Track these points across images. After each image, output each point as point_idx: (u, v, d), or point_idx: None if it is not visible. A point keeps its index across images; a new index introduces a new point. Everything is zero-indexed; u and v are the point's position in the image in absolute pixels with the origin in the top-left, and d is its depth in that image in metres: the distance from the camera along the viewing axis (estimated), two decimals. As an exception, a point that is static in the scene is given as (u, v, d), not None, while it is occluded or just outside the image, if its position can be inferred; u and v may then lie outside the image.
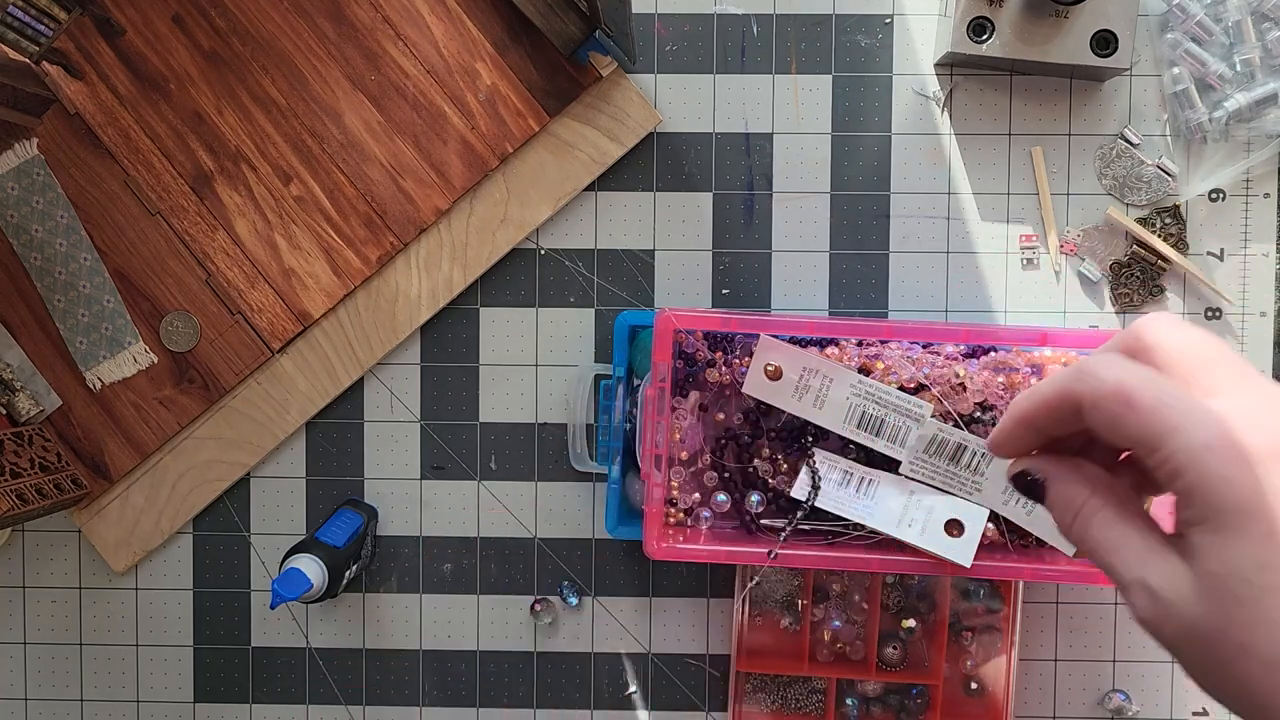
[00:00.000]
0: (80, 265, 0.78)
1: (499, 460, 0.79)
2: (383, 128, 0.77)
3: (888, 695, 0.76)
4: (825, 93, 0.77)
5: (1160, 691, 0.78)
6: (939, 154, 0.77)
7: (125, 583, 0.80)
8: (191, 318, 0.78)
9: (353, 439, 0.79)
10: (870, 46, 0.77)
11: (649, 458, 0.68)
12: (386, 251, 0.77)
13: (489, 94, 0.77)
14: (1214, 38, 0.75)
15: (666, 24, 0.78)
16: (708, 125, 0.78)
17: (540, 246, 0.79)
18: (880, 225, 0.78)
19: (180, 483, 0.79)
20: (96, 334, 0.78)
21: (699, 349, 0.70)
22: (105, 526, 0.79)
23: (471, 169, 0.77)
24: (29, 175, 0.77)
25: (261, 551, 0.80)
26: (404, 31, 0.76)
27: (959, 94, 0.77)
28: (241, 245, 0.78)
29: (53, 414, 0.78)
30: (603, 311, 0.78)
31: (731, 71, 0.77)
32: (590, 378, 0.76)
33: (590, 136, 0.77)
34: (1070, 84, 0.77)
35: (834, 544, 0.70)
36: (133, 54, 0.77)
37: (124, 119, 0.77)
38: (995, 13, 0.70)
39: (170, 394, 0.78)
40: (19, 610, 0.81)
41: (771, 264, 0.78)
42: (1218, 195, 0.77)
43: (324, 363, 0.78)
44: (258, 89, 0.77)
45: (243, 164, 0.77)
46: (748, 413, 0.71)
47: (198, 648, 0.80)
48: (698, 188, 0.78)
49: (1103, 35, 0.70)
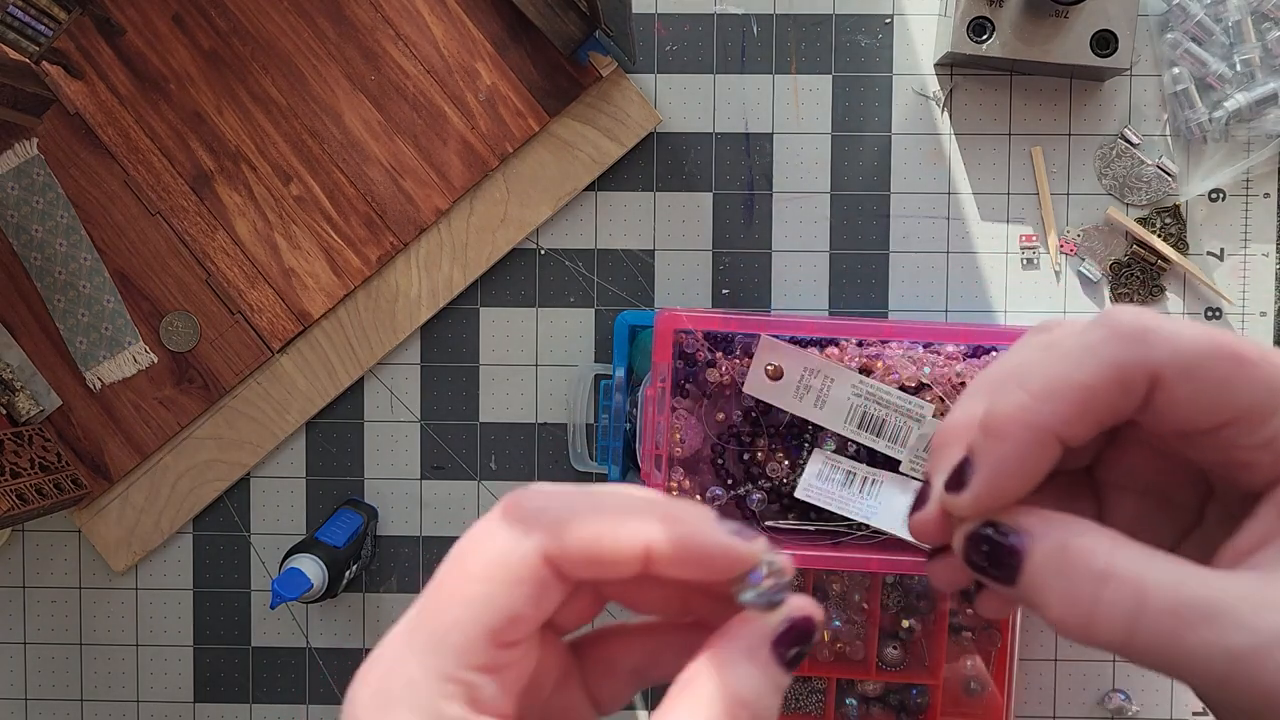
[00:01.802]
0: (80, 265, 0.78)
1: (499, 460, 0.79)
2: (383, 128, 0.77)
3: (888, 695, 0.76)
4: (825, 93, 0.77)
5: (1160, 691, 0.78)
6: (939, 154, 0.77)
7: (125, 583, 0.80)
8: (191, 318, 0.78)
9: (353, 439, 0.79)
10: (870, 46, 0.77)
11: (649, 458, 0.68)
12: (386, 251, 0.77)
13: (489, 94, 0.77)
14: (1214, 38, 0.75)
15: (666, 24, 0.78)
16: (708, 125, 0.78)
17: (540, 246, 0.79)
18: (880, 225, 0.78)
19: (180, 483, 0.79)
20: (96, 334, 0.78)
21: (699, 349, 0.70)
22: (105, 526, 0.79)
23: (471, 169, 0.77)
24: (29, 175, 0.77)
25: (261, 551, 0.80)
26: (404, 31, 0.76)
27: (959, 94, 0.77)
28: (241, 245, 0.78)
29: (53, 414, 0.78)
30: (603, 311, 0.78)
31: (731, 71, 0.77)
32: (590, 378, 0.76)
33: (590, 136, 0.77)
34: (1070, 84, 0.77)
35: (837, 544, 0.70)
36: (133, 54, 0.77)
37: (124, 119, 0.77)
38: (995, 13, 0.70)
39: (170, 394, 0.78)
40: (19, 610, 0.81)
41: (772, 264, 0.78)
42: (1218, 195, 0.77)
43: (324, 363, 0.78)
44: (258, 89, 0.77)
45: (243, 164, 0.77)
46: (748, 412, 0.71)
47: (198, 648, 0.80)
48: (698, 188, 0.78)
49: (1103, 35, 0.70)
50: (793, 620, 0.24)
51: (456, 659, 0.22)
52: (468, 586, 0.23)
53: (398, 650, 0.23)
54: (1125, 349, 0.23)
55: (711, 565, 0.23)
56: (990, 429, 0.24)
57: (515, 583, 0.23)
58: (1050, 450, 0.24)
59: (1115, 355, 0.24)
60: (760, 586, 0.24)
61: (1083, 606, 0.22)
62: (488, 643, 0.22)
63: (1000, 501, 0.24)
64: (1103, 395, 0.24)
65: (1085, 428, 0.24)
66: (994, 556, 0.24)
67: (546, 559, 0.23)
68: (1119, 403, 0.24)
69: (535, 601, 0.23)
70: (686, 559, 0.23)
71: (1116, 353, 0.24)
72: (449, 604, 0.23)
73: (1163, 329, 0.23)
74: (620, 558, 0.23)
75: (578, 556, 0.23)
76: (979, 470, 0.24)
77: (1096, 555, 0.22)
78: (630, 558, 0.23)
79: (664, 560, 0.23)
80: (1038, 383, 0.24)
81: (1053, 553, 0.23)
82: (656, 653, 0.27)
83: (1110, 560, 0.22)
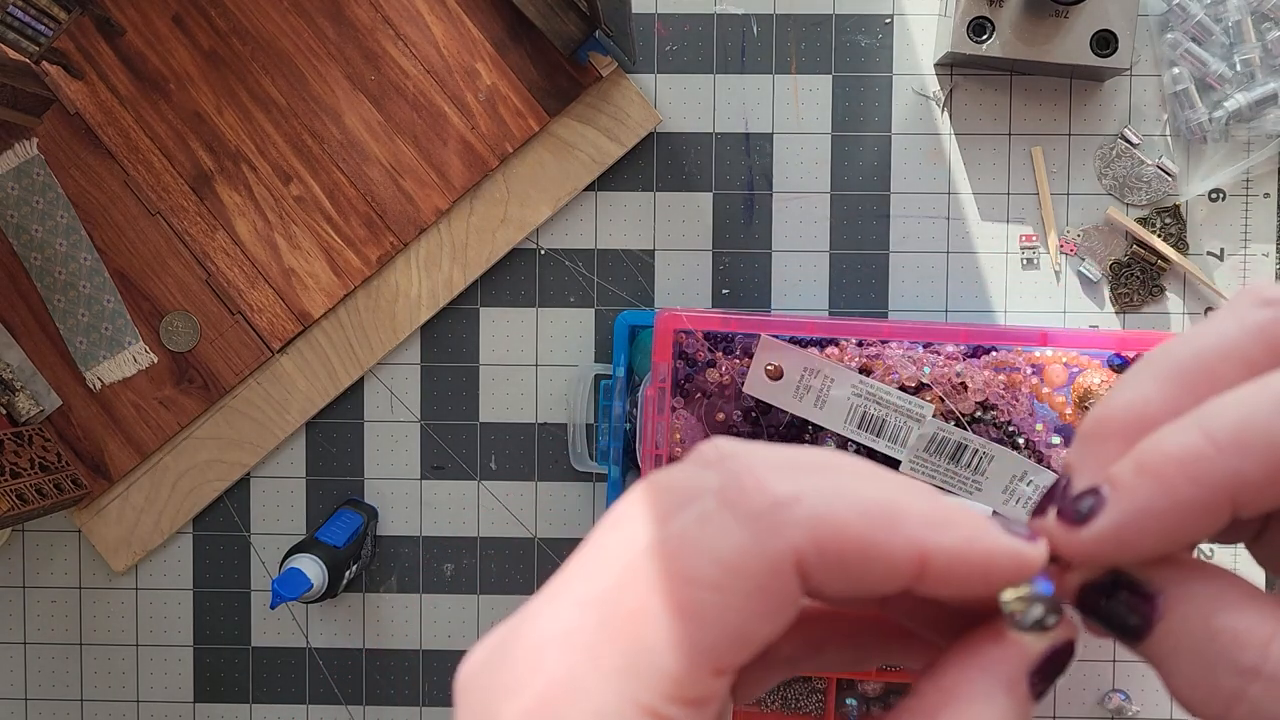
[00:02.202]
0: (80, 265, 0.78)
1: (499, 460, 0.79)
2: (383, 128, 0.77)
3: (888, 695, 0.76)
4: (825, 93, 0.77)
5: (1160, 691, 0.78)
6: (939, 154, 0.77)
7: (125, 583, 0.80)
8: (191, 318, 0.78)
9: (353, 439, 0.79)
10: (870, 46, 0.77)
11: (649, 458, 0.68)
12: (386, 251, 0.77)
13: (489, 94, 0.77)
14: (1214, 37, 0.75)
15: (666, 24, 0.78)
16: (708, 125, 0.78)
17: (540, 246, 0.79)
18: (880, 225, 0.78)
19: (180, 483, 0.79)
20: (96, 334, 0.78)
21: (699, 349, 0.70)
22: (105, 526, 0.79)
23: (471, 169, 0.77)
24: (29, 175, 0.77)
25: (261, 551, 0.80)
26: (404, 31, 0.76)
27: (959, 94, 0.77)
28: (241, 245, 0.78)
29: (53, 414, 0.78)
30: (603, 311, 0.78)
31: (731, 71, 0.77)
32: (590, 378, 0.76)
33: (590, 136, 0.77)
34: (1070, 84, 0.77)
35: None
36: (133, 54, 0.77)
37: (124, 119, 0.77)
38: (995, 12, 0.70)
39: (170, 394, 0.78)
40: (19, 610, 0.81)
41: (771, 264, 0.78)
42: (1218, 195, 0.77)
43: (324, 363, 0.78)
44: (258, 89, 0.77)
45: (243, 164, 0.77)
46: (748, 412, 0.71)
47: (198, 648, 0.80)
48: (698, 188, 0.78)
49: (1103, 35, 0.70)
50: (1058, 647, 0.19)
51: (668, 689, 0.17)
52: (691, 594, 0.17)
53: (576, 665, 0.17)
54: None
55: (992, 576, 0.18)
56: (1148, 468, 0.18)
57: (756, 593, 0.18)
58: (1214, 521, 0.18)
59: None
60: (1038, 607, 0.19)
61: (1219, 699, 0.18)
62: (708, 670, 0.18)
63: (1126, 557, 0.19)
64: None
65: (1274, 499, 0.17)
66: (1115, 613, 0.19)
67: (799, 566, 0.18)
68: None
69: (774, 617, 0.18)
70: (969, 570, 0.18)
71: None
72: (659, 616, 0.17)
73: None
74: (892, 569, 0.18)
75: (836, 568, 0.18)
76: (1110, 512, 0.19)
77: (1248, 648, 0.17)
78: (903, 570, 0.18)
79: (940, 573, 0.18)
80: (1229, 426, 0.17)
81: (1194, 628, 0.18)
82: (820, 640, 0.23)
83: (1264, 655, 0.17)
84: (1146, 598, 0.19)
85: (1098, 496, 0.19)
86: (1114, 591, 0.19)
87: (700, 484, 0.19)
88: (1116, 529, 0.18)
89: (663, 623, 0.17)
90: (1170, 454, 0.18)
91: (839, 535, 0.18)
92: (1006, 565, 0.18)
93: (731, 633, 0.17)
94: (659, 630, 0.17)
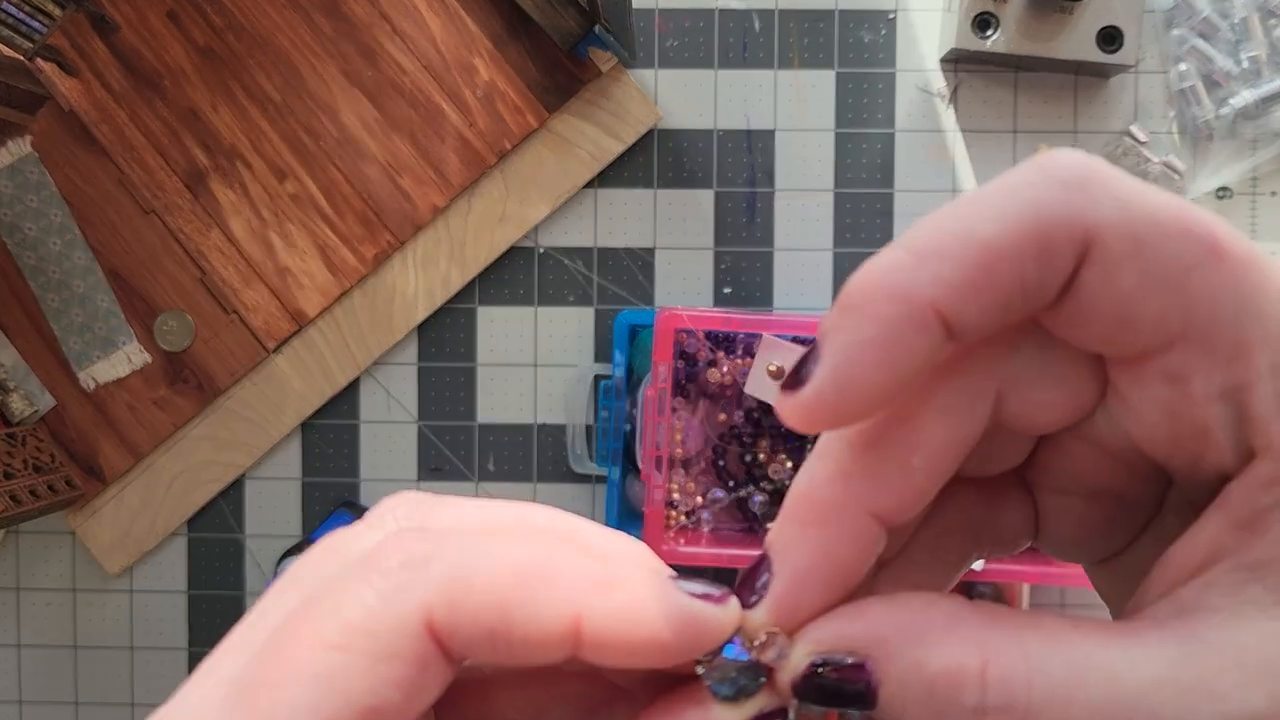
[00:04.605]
0: (74, 264, 0.77)
1: (497, 461, 0.79)
2: (379, 125, 0.76)
3: None
4: (828, 89, 0.77)
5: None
6: (943, 151, 0.77)
7: (120, 585, 0.80)
8: (186, 317, 0.77)
9: (349, 440, 0.79)
10: (873, 42, 0.76)
11: (649, 459, 0.67)
12: (383, 250, 0.77)
13: (487, 90, 0.76)
14: (1221, 34, 0.74)
15: (667, 19, 0.77)
16: (709, 121, 0.77)
17: (539, 245, 0.78)
18: (884, 223, 0.77)
19: (175, 484, 0.78)
20: (90, 334, 0.77)
21: (700, 348, 0.69)
22: (99, 528, 0.78)
23: (469, 166, 0.76)
24: (22, 173, 0.77)
25: (257, 554, 0.79)
26: (401, 27, 0.76)
27: (963, 90, 0.76)
28: (236, 243, 0.77)
29: (46, 414, 0.78)
30: (602, 311, 0.78)
31: (733, 67, 0.77)
32: (590, 378, 0.75)
33: (590, 133, 0.76)
34: (1075, 80, 0.76)
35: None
36: (127, 50, 0.76)
37: (118, 116, 0.76)
38: (1000, 8, 0.70)
39: (165, 394, 0.77)
40: (12, 613, 0.80)
41: (773, 262, 0.77)
42: (1224, 193, 0.76)
43: (320, 362, 0.78)
44: (253, 85, 0.76)
45: (238, 161, 0.76)
46: (750, 412, 0.70)
47: (193, 650, 0.80)
48: (698, 185, 0.77)
49: (1108, 31, 0.69)
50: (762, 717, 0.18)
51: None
52: (315, 655, 0.16)
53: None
54: (1054, 196, 0.16)
55: (665, 650, 0.17)
56: (846, 303, 0.17)
57: (386, 658, 0.16)
58: (926, 338, 0.17)
59: (1039, 203, 0.17)
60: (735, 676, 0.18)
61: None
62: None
63: (852, 410, 0.17)
64: (1011, 260, 0.16)
65: (980, 309, 0.17)
66: (837, 689, 0.17)
67: (431, 629, 0.17)
68: (1032, 278, 0.17)
69: (410, 685, 0.16)
70: (630, 642, 0.17)
71: (1042, 200, 0.17)
72: (286, 676, 0.16)
73: (1112, 180, 0.17)
74: (542, 635, 0.17)
75: (475, 632, 0.17)
76: (824, 361, 0.17)
77: (965, 687, 0.16)
78: (554, 639, 0.17)
79: (595, 642, 0.17)
80: (924, 237, 0.17)
81: (912, 683, 0.17)
82: (544, 703, 0.20)
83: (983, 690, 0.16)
84: (855, 667, 0.17)
85: (813, 357, 0.17)
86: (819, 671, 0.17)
87: (362, 544, 0.18)
88: (834, 374, 0.17)
89: (288, 685, 0.16)
90: (871, 277, 0.17)
91: (473, 596, 0.16)
92: (676, 637, 0.17)
93: (359, 700, 0.16)
94: (285, 692, 0.16)
